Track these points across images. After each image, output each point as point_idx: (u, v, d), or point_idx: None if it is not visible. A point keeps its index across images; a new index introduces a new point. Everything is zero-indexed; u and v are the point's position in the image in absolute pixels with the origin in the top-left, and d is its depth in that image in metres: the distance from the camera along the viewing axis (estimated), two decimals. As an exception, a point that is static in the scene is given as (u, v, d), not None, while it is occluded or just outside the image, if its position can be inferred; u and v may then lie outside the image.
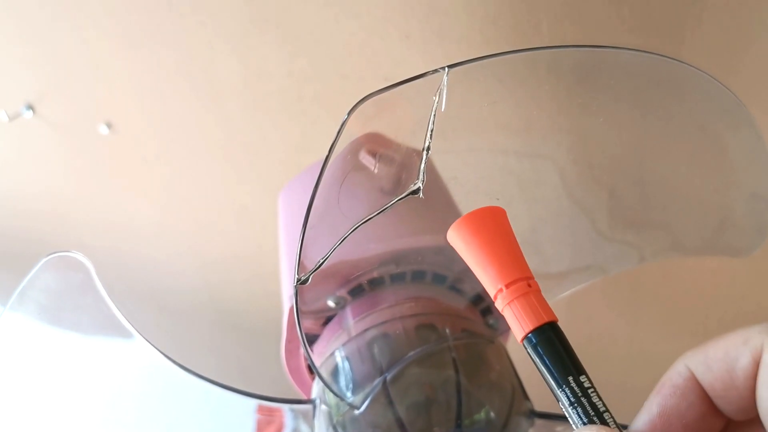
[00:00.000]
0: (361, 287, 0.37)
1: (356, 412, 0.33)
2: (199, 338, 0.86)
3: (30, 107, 0.69)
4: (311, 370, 0.41)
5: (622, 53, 0.32)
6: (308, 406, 0.37)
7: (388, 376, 0.33)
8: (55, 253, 0.28)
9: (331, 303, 0.38)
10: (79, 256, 0.28)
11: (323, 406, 0.36)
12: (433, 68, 0.48)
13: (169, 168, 0.72)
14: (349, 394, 0.34)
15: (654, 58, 0.31)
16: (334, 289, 0.38)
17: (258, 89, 0.63)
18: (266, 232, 0.73)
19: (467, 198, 0.30)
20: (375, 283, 0.37)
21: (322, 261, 0.27)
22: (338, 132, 0.24)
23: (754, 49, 0.48)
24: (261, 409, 0.38)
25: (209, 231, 0.75)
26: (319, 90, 0.62)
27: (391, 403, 0.33)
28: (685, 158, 0.36)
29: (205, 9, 0.59)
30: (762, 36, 0.47)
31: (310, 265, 0.27)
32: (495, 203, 0.28)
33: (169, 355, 0.33)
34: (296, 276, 0.26)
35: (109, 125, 0.69)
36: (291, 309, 0.39)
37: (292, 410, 0.40)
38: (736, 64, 0.48)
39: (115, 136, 0.70)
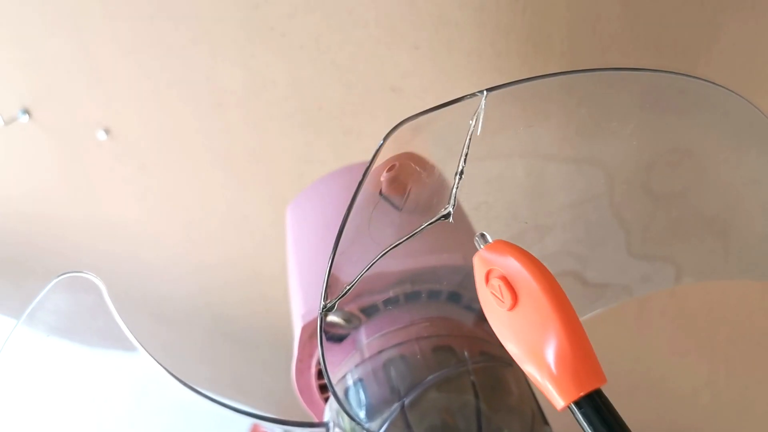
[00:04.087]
0: (376, 306, 0.36)
1: (373, 437, 0.32)
2: (195, 348, 0.84)
3: (26, 111, 0.68)
4: (322, 390, 0.40)
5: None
6: (321, 430, 0.36)
7: (407, 401, 0.32)
8: (66, 273, 0.27)
9: (343, 322, 0.37)
10: (92, 277, 0.27)
11: (337, 430, 0.35)
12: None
13: (167, 176, 0.71)
14: (362, 415, 0.34)
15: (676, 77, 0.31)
16: (345, 306, 0.37)
17: (261, 98, 0.63)
18: (266, 243, 0.72)
19: (496, 222, 0.29)
20: (389, 303, 0.37)
21: (348, 288, 0.26)
22: (373, 157, 0.23)
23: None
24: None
25: (208, 240, 0.74)
26: (324, 99, 0.61)
27: (409, 427, 0.32)
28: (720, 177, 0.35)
29: (208, 16, 0.58)
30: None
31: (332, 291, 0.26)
32: (524, 227, 0.27)
33: (166, 365, 0.33)
34: (322, 303, 0.25)
35: (107, 131, 0.68)
36: (303, 328, 0.38)
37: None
38: (753, 83, 0.48)
39: (112, 142, 0.69)
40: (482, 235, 0.26)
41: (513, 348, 0.24)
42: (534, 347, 0.23)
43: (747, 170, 0.35)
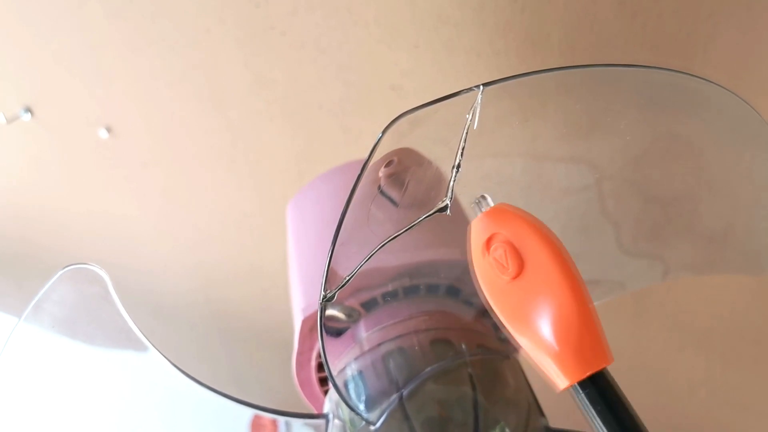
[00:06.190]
0: (375, 300, 0.37)
1: (372, 428, 0.33)
2: (195, 344, 0.85)
3: (28, 110, 0.68)
4: (322, 383, 0.40)
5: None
6: (320, 421, 0.36)
7: (405, 392, 0.33)
8: (71, 265, 0.27)
9: (343, 316, 0.37)
10: (96, 269, 0.28)
11: (336, 421, 0.35)
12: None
13: (169, 174, 0.71)
14: (361, 407, 0.34)
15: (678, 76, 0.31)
16: (345, 301, 0.37)
17: (261, 96, 0.63)
18: (267, 240, 0.72)
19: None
20: (388, 296, 0.37)
21: (348, 278, 0.27)
22: (372, 150, 0.23)
23: (766, 66, 0.48)
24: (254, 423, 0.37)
25: (208, 238, 0.75)
26: (323, 98, 0.62)
27: (407, 418, 0.32)
28: (714, 172, 0.36)
29: (210, 15, 0.59)
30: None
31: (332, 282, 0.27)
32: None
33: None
34: (322, 293, 0.26)
35: (108, 129, 0.68)
36: (304, 321, 0.39)
37: (287, 423, 0.39)
38: (749, 82, 0.48)
39: (114, 140, 0.69)
40: (483, 197, 0.24)
41: (511, 322, 0.22)
42: (535, 321, 0.21)
43: (742, 168, 0.35)
